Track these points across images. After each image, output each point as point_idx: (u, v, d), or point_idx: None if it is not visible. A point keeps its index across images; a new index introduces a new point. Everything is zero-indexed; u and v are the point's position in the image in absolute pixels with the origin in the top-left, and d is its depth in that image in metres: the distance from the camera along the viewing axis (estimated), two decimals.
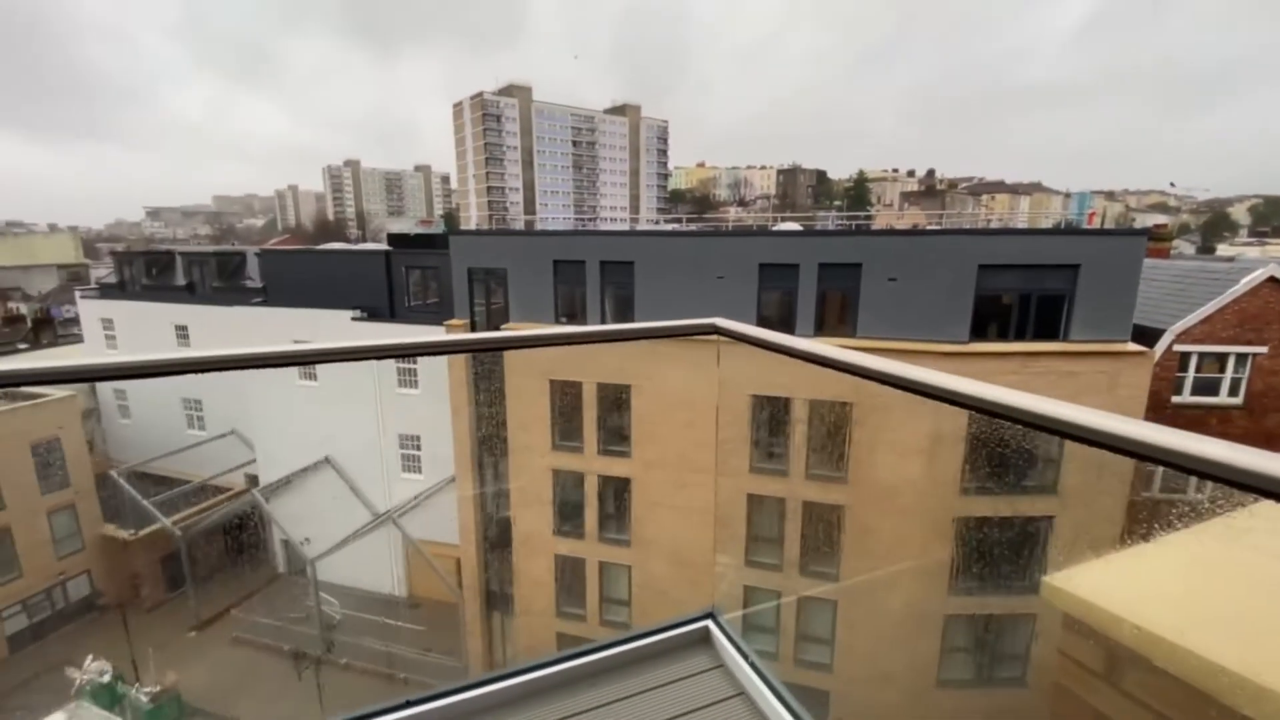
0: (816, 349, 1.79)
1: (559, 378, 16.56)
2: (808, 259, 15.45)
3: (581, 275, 17.43)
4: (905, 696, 12.48)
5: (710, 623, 2.54)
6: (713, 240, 18.56)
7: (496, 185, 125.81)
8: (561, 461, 16.96)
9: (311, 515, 22.21)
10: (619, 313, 17.25)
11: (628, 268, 16.93)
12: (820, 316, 15.68)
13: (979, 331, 14.61)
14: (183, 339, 27.28)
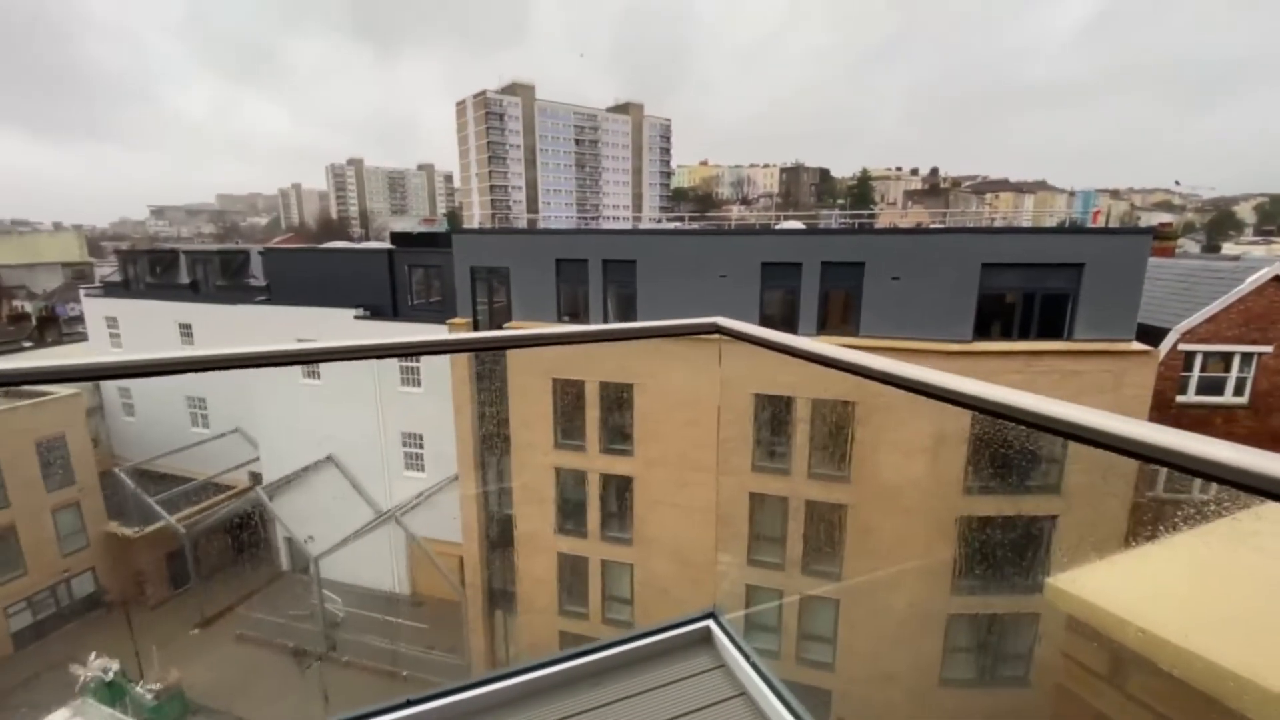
0: (818, 348, 1.78)
1: (561, 376, 16.57)
2: (810, 258, 15.41)
3: (584, 274, 17.42)
4: (907, 696, 12.46)
5: (711, 622, 2.54)
6: (715, 239, 18.52)
7: (499, 184, 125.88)
8: (564, 460, 16.97)
9: (315, 513, 22.28)
10: (621, 311, 17.23)
11: (630, 266, 16.91)
12: (823, 315, 15.65)
13: (982, 331, 14.56)
14: (186, 337, 27.39)
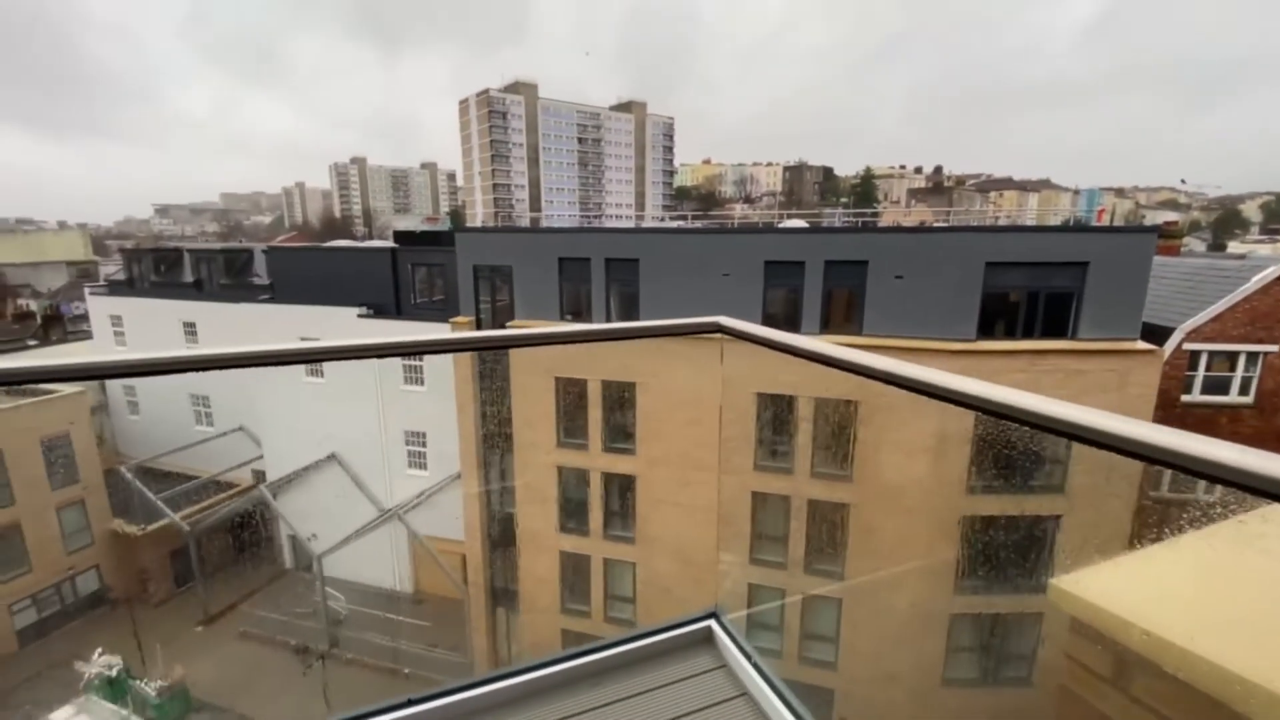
0: (820, 348, 1.77)
1: (564, 375, 16.57)
2: (813, 256, 15.37)
3: (586, 272, 17.41)
4: (910, 695, 12.44)
5: (713, 622, 2.53)
6: (718, 237, 18.48)
7: (502, 182, 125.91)
8: (566, 459, 16.97)
9: (318, 511, 22.35)
10: (624, 310, 17.22)
11: (633, 265, 16.89)
12: (826, 314, 15.61)
13: (986, 329, 14.51)
14: (190, 336, 27.47)
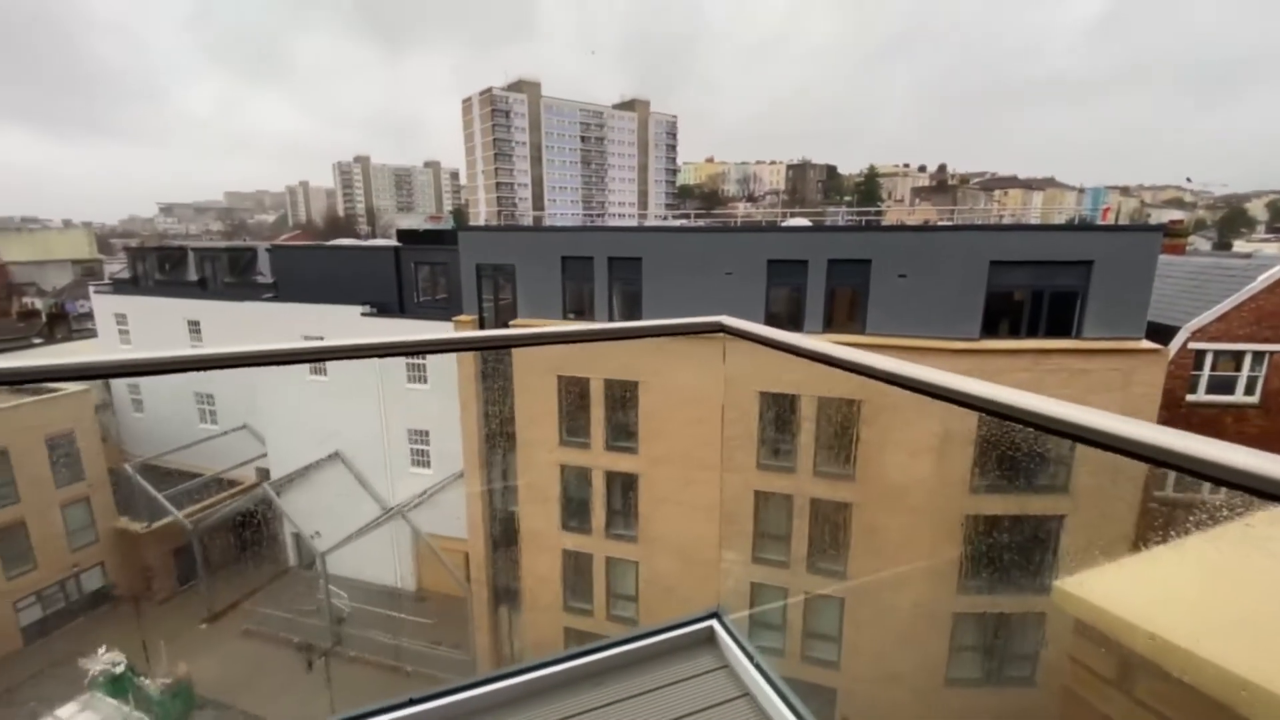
0: (822, 348, 1.77)
1: (566, 374, 16.57)
2: (817, 255, 15.35)
3: (589, 271, 17.41)
4: (912, 695, 12.42)
5: (715, 622, 2.53)
6: (721, 236, 18.46)
7: (505, 181, 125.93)
8: (569, 457, 16.98)
9: (321, 509, 22.40)
10: (627, 309, 17.21)
11: (636, 264, 16.89)
12: (829, 313, 15.58)
13: (990, 329, 14.46)
14: (195, 334, 27.55)
